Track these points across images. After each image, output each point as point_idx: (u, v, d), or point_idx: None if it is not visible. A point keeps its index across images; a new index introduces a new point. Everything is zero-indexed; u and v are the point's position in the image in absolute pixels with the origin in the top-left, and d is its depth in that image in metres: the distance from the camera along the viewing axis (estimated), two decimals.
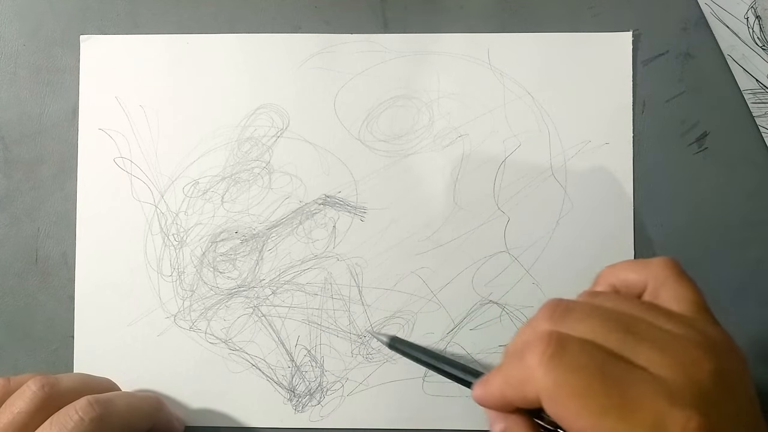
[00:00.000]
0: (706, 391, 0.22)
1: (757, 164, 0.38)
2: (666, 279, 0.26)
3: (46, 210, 0.39)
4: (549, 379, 0.22)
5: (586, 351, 0.23)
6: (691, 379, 0.22)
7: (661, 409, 0.21)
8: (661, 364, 0.22)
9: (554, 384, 0.22)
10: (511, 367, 0.24)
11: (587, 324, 0.24)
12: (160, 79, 0.39)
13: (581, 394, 0.22)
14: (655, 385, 0.22)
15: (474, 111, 0.39)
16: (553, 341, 0.23)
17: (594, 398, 0.21)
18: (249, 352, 0.38)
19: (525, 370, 0.23)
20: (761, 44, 0.38)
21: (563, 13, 0.39)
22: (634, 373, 0.22)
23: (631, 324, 0.24)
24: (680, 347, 0.23)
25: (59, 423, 0.30)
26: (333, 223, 0.39)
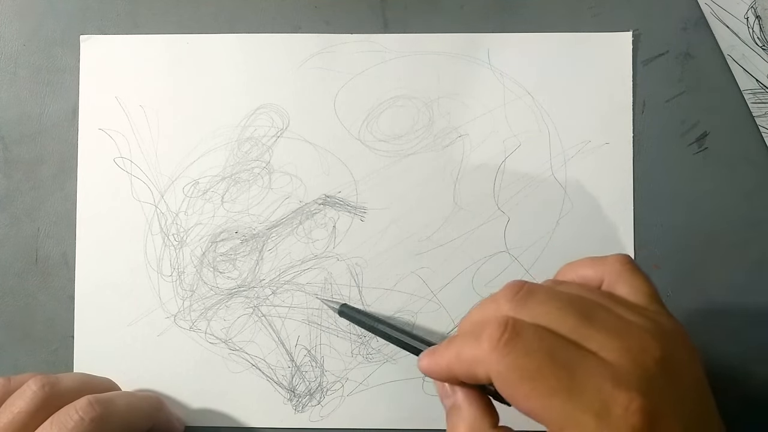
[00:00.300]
0: (651, 376, 0.23)
1: (757, 164, 0.38)
2: (621, 273, 0.27)
3: (46, 210, 0.39)
4: (501, 364, 0.23)
5: (539, 336, 0.24)
6: (637, 364, 0.23)
7: (606, 390, 0.22)
8: (611, 348, 0.23)
9: (506, 367, 0.23)
10: (465, 344, 0.25)
11: (545, 307, 0.25)
12: (160, 79, 0.39)
13: (531, 377, 0.23)
14: (602, 368, 0.23)
15: (474, 111, 0.39)
16: (509, 327, 0.24)
17: (543, 381, 0.23)
18: (249, 352, 0.38)
19: (479, 351, 0.24)
20: (761, 44, 0.38)
21: (563, 13, 0.39)
22: (584, 357, 0.23)
23: (587, 310, 0.25)
24: (631, 334, 0.24)
25: (59, 422, 0.30)
26: (333, 223, 0.39)
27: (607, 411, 0.22)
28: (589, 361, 0.23)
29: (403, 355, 0.38)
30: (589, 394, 0.22)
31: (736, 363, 0.37)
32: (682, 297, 0.38)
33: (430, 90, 0.39)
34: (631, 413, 0.22)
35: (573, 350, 0.23)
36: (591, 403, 0.22)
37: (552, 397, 0.22)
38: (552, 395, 0.22)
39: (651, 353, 0.23)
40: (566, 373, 0.23)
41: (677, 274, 0.38)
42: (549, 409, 0.22)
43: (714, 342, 0.38)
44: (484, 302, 0.27)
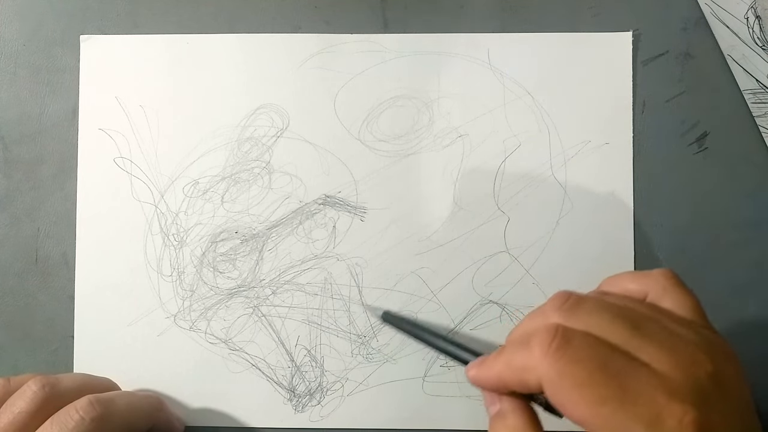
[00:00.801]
0: (704, 390, 0.23)
1: (757, 164, 0.38)
2: (666, 288, 0.28)
3: (46, 210, 0.39)
4: (553, 370, 0.23)
5: (590, 344, 0.23)
6: (690, 378, 0.23)
7: (660, 401, 0.22)
8: (663, 361, 0.23)
9: (557, 374, 0.23)
10: (514, 353, 0.25)
11: (595, 318, 0.25)
12: (160, 79, 0.39)
13: (582, 384, 0.23)
14: (655, 379, 0.22)
15: (474, 111, 0.39)
16: (559, 334, 0.24)
17: (594, 388, 0.22)
18: (249, 352, 0.38)
19: (529, 358, 0.24)
20: (761, 44, 0.38)
21: (563, 13, 0.39)
22: (636, 367, 0.23)
23: (637, 321, 0.25)
24: (683, 347, 0.24)
25: (60, 422, 0.30)
26: (333, 223, 0.39)
27: (661, 422, 0.22)
28: (641, 372, 0.23)
29: (403, 355, 0.38)
30: (642, 405, 0.22)
31: None
32: None
33: (430, 90, 0.39)
34: (685, 426, 0.22)
35: (624, 360, 0.23)
36: (643, 413, 0.22)
37: (603, 406, 0.22)
38: (603, 403, 0.22)
39: (703, 367, 0.23)
40: (617, 382, 0.22)
41: None
42: (599, 418, 0.22)
43: None
44: (531, 314, 0.27)
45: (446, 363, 0.38)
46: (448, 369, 0.38)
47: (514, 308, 0.38)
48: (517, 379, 0.25)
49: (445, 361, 0.38)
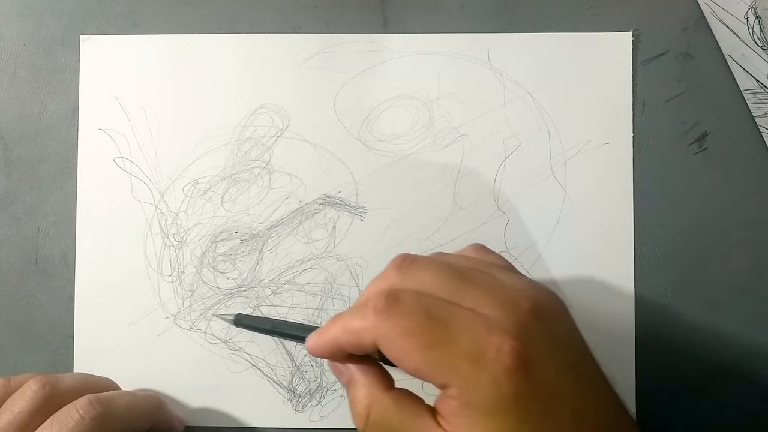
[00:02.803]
0: (523, 323, 0.24)
1: (757, 164, 0.38)
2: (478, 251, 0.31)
3: (46, 210, 0.39)
4: (384, 326, 0.25)
5: (417, 298, 0.25)
6: (510, 314, 0.25)
7: (479, 336, 0.24)
8: (486, 303, 0.25)
9: (388, 329, 0.25)
10: (351, 317, 0.27)
11: (425, 273, 0.26)
12: (160, 79, 0.39)
13: (411, 333, 0.24)
14: (476, 319, 0.24)
15: (474, 111, 0.39)
16: (390, 295, 0.25)
17: (422, 336, 0.24)
18: (249, 352, 0.38)
19: (364, 320, 0.26)
20: (761, 44, 0.38)
21: (563, 13, 0.39)
22: (460, 312, 0.25)
23: (464, 273, 0.27)
24: (505, 289, 0.26)
25: (60, 422, 0.30)
26: (333, 223, 0.39)
27: (482, 355, 0.23)
28: (465, 315, 0.25)
29: None
30: (465, 343, 0.24)
31: (736, 363, 0.37)
32: (682, 297, 0.38)
33: (430, 90, 0.39)
34: (504, 354, 0.23)
35: (450, 307, 0.25)
36: (467, 350, 0.24)
37: (431, 350, 0.24)
38: (431, 348, 0.24)
39: (522, 305, 0.25)
40: (443, 327, 0.24)
41: (677, 274, 0.38)
42: (429, 363, 0.24)
43: (714, 342, 0.38)
44: (373, 280, 0.28)
45: None
46: None
47: None
48: (354, 342, 0.26)
49: None
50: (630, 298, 0.38)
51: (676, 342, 0.38)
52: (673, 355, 0.37)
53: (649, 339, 0.37)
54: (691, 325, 0.38)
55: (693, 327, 0.38)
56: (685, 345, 0.38)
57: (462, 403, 0.24)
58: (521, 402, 0.23)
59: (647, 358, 0.37)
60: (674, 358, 0.37)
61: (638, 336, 0.37)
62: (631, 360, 0.37)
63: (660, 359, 0.37)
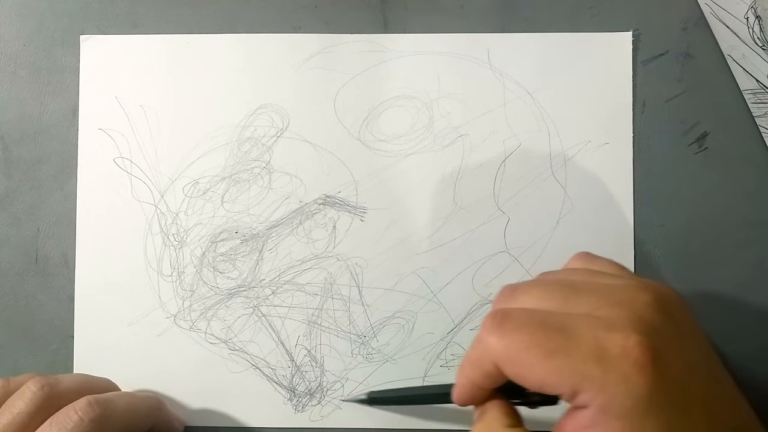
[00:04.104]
0: (644, 317, 0.23)
1: (757, 164, 0.38)
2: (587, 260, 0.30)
3: (46, 210, 0.39)
4: (499, 345, 0.24)
5: (527, 313, 0.25)
6: (629, 311, 0.23)
7: (600, 336, 0.23)
8: (601, 305, 0.24)
9: (504, 347, 0.24)
10: (471, 351, 0.26)
11: (530, 292, 0.26)
12: (160, 79, 0.39)
13: (528, 346, 0.23)
14: (593, 321, 0.23)
15: (474, 111, 0.39)
16: (498, 314, 0.25)
17: (539, 346, 0.23)
18: (249, 352, 0.38)
19: (480, 346, 0.25)
20: (761, 44, 0.38)
21: (563, 13, 0.39)
22: (575, 318, 0.24)
23: (571, 284, 0.26)
24: (618, 291, 0.25)
25: (59, 423, 0.30)
26: (333, 223, 0.39)
27: (607, 354, 0.22)
28: (580, 320, 0.24)
29: (403, 355, 0.38)
30: (586, 345, 0.23)
31: (737, 363, 0.37)
32: None
33: (430, 90, 0.39)
34: (630, 349, 0.22)
35: (562, 316, 0.24)
36: (590, 351, 0.22)
37: (552, 359, 0.23)
38: (551, 356, 0.23)
39: (639, 300, 0.24)
40: (560, 334, 0.23)
41: (677, 274, 0.38)
42: (554, 372, 0.23)
43: (714, 342, 0.38)
44: None
45: (446, 363, 0.38)
46: (448, 369, 0.38)
47: None
48: (480, 372, 0.26)
49: (445, 360, 0.38)
50: None
51: None
52: None
53: None
54: None
55: None
56: None
57: (595, 409, 0.22)
58: (655, 400, 0.22)
59: None
60: None
61: None
62: None
63: None
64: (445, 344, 0.38)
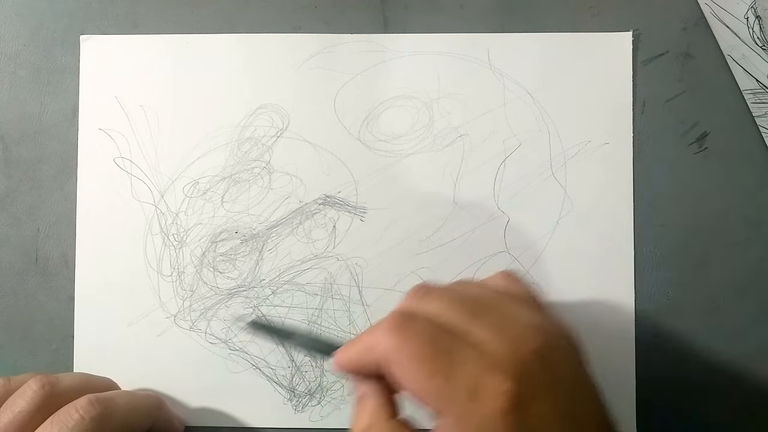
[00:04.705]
0: (525, 364, 0.24)
1: (757, 164, 0.38)
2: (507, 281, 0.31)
3: (46, 210, 0.39)
4: (392, 345, 0.25)
5: (426, 324, 0.26)
6: (513, 354, 0.25)
7: (480, 373, 0.24)
8: (492, 340, 0.25)
9: (395, 349, 0.25)
10: (366, 335, 0.27)
11: (439, 302, 0.27)
12: (160, 79, 0.39)
13: (415, 358, 0.25)
14: (479, 356, 0.25)
15: (474, 111, 0.39)
16: (402, 315, 0.26)
17: (425, 362, 0.25)
18: (249, 352, 0.38)
19: (374, 337, 0.26)
20: (761, 44, 0.38)
21: (563, 13, 0.39)
22: (464, 345, 0.25)
23: (476, 308, 0.27)
24: (512, 327, 0.26)
25: (60, 422, 0.30)
26: (333, 223, 0.39)
27: (478, 393, 0.24)
28: (469, 350, 0.25)
29: None
30: (465, 378, 0.24)
31: (736, 363, 0.37)
32: (682, 297, 0.38)
33: (430, 90, 0.39)
34: (500, 395, 0.23)
35: (454, 339, 0.25)
36: (466, 385, 0.24)
37: (432, 378, 0.24)
38: (432, 376, 0.24)
39: (528, 344, 0.25)
40: (446, 358, 0.25)
41: (677, 274, 0.38)
42: (429, 390, 0.24)
43: (714, 342, 0.38)
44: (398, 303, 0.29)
45: None
46: None
47: None
48: (367, 357, 0.27)
49: None
50: (630, 298, 0.38)
51: (676, 342, 0.38)
52: (673, 355, 0.37)
53: (649, 339, 0.37)
54: (691, 325, 0.38)
55: (693, 327, 0.38)
56: (685, 345, 0.38)
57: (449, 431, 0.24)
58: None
59: (647, 358, 0.37)
60: (674, 358, 0.37)
61: (638, 336, 0.37)
62: (631, 360, 0.37)
63: (660, 359, 0.37)
64: None
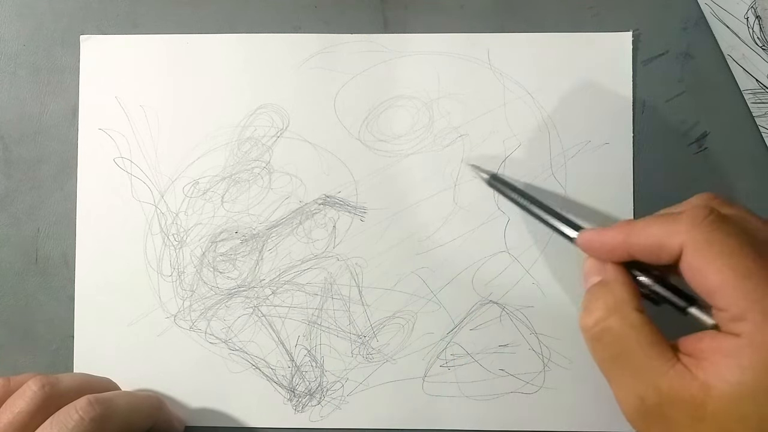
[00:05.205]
0: None
1: (757, 164, 0.38)
2: None
3: (46, 210, 0.39)
4: (703, 236, 0.24)
5: (741, 226, 0.24)
6: None
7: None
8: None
9: (707, 241, 0.24)
10: (654, 223, 0.26)
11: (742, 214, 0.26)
12: (160, 79, 0.39)
13: (732, 253, 0.23)
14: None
15: (474, 111, 0.39)
16: (715, 212, 0.25)
17: (743, 258, 0.23)
18: (249, 352, 0.38)
19: (675, 225, 0.25)
20: (761, 44, 0.38)
21: (563, 13, 0.39)
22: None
23: None
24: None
25: (60, 422, 0.30)
26: (333, 223, 0.39)
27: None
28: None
29: (403, 355, 0.38)
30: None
31: None
32: None
33: (430, 90, 0.39)
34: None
35: None
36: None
37: (747, 278, 0.23)
38: (748, 276, 0.23)
39: None
40: (763, 262, 0.23)
41: None
42: (739, 289, 0.23)
43: None
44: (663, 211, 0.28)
45: (446, 363, 0.38)
46: (448, 369, 0.38)
47: (514, 308, 0.38)
48: (650, 244, 0.25)
49: (445, 360, 0.38)
50: None
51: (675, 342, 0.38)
52: None
53: None
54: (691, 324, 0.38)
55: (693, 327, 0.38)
56: None
57: (749, 342, 0.22)
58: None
59: None
60: None
61: None
62: None
63: None
64: (445, 344, 0.38)
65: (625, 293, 0.26)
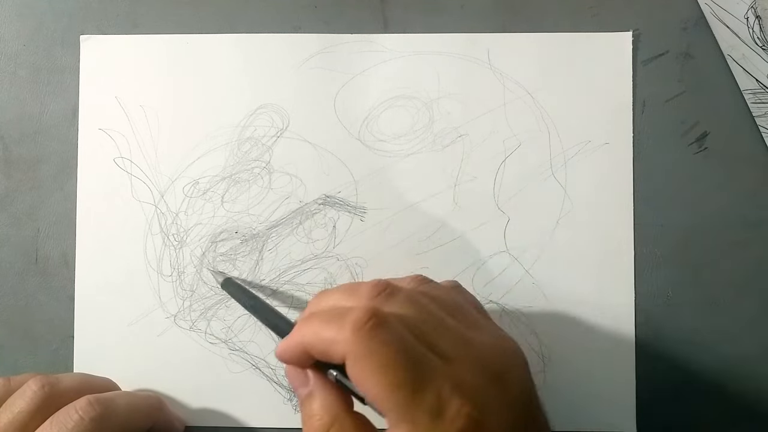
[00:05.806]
0: (484, 388, 0.25)
1: (757, 164, 0.38)
2: None
3: (46, 210, 0.39)
4: (362, 347, 0.25)
5: (399, 330, 0.25)
6: (476, 376, 0.25)
7: (444, 392, 0.24)
8: (456, 356, 0.26)
9: (366, 352, 0.25)
10: (325, 325, 0.26)
11: (409, 308, 0.27)
12: (160, 79, 0.39)
13: (386, 365, 0.24)
14: (445, 375, 0.25)
15: (474, 111, 0.39)
16: (375, 315, 0.25)
17: (394, 372, 0.24)
18: (249, 352, 0.38)
19: (340, 333, 0.25)
20: (761, 44, 0.38)
21: (563, 13, 0.39)
22: (434, 361, 0.25)
23: (443, 319, 0.27)
24: (475, 348, 0.26)
25: (59, 422, 0.30)
26: (333, 223, 0.39)
27: (441, 412, 0.24)
28: (437, 365, 0.25)
29: None
30: (430, 394, 0.24)
31: (736, 363, 0.37)
32: (682, 297, 0.38)
33: (430, 90, 0.39)
34: (461, 417, 0.24)
35: (424, 351, 0.25)
36: (429, 403, 0.24)
37: (398, 390, 0.24)
38: (398, 388, 0.24)
39: (490, 368, 0.26)
40: (415, 370, 0.24)
41: (677, 274, 0.38)
42: (392, 401, 0.24)
43: (714, 342, 0.38)
44: (342, 290, 0.28)
45: None
46: None
47: (514, 308, 0.38)
48: (322, 350, 0.26)
49: None
50: (630, 298, 0.38)
51: (676, 342, 0.38)
52: (673, 355, 0.37)
53: (649, 339, 0.37)
54: (691, 325, 0.38)
55: (693, 327, 0.38)
56: (685, 345, 0.38)
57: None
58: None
59: (647, 358, 0.37)
60: (674, 358, 0.37)
61: (638, 336, 0.37)
62: (631, 360, 0.37)
63: (660, 359, 0.37)
64: None
65: (333, 399, 0.27)
